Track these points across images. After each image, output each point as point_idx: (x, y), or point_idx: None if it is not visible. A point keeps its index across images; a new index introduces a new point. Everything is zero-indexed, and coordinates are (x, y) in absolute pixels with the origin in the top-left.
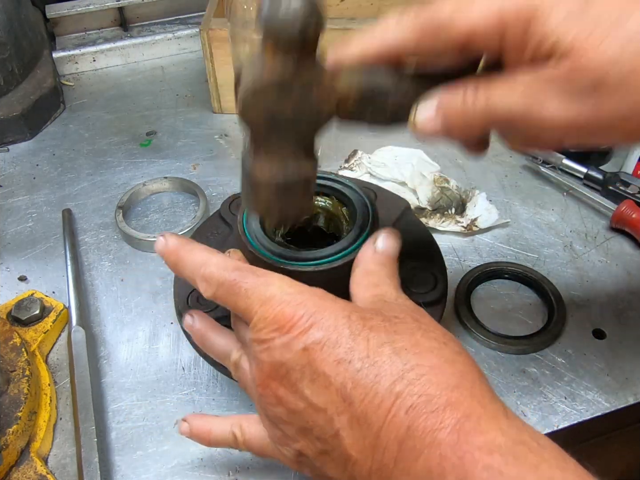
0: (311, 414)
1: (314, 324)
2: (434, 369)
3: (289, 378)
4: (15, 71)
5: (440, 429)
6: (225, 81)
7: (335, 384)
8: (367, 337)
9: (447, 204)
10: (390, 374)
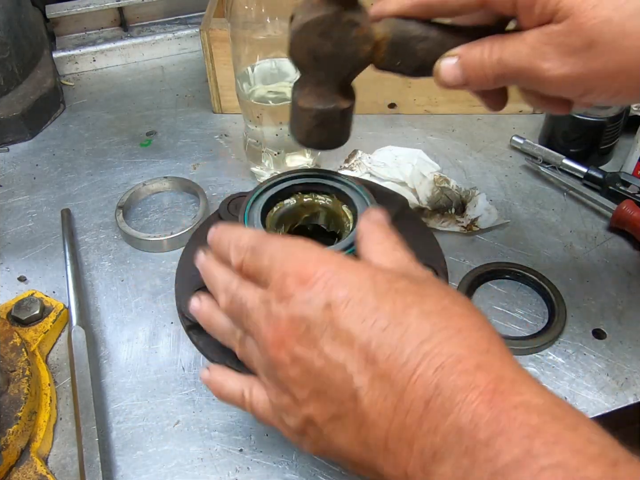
0: (329, 373)
1: (338, 282)
2: (462, 331)
3: (309, 334)
4: (15, 71)
5: (473, 388)
6: (225, 81)
7: (359, 341)
8: (393, 298)
9: (447, 204)
10: (417, 334)
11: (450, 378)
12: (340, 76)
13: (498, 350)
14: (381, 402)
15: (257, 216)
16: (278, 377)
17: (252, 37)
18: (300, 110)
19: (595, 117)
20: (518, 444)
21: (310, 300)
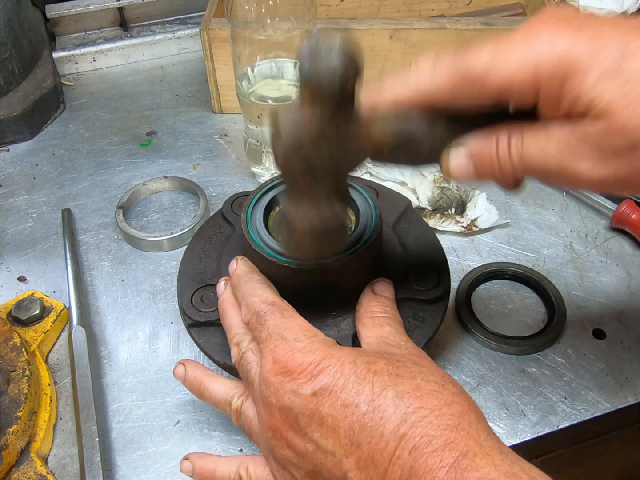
0: (320, 457)
1: (322, 371)
2: (434, 411)
3: (298, 422)
4: (15, 71)
5: (440, 467)
6: (225, 81)
7: (344, 427)
8: (371, 381)
9: (447, 204)
10: (394, 417)
11: (422, 459)
12: (336, 183)
13: (467, 425)
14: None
15: (259, 215)
16: (276, 456)
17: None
18: (295, 231)
19: None
20: None
21: (296, 390)
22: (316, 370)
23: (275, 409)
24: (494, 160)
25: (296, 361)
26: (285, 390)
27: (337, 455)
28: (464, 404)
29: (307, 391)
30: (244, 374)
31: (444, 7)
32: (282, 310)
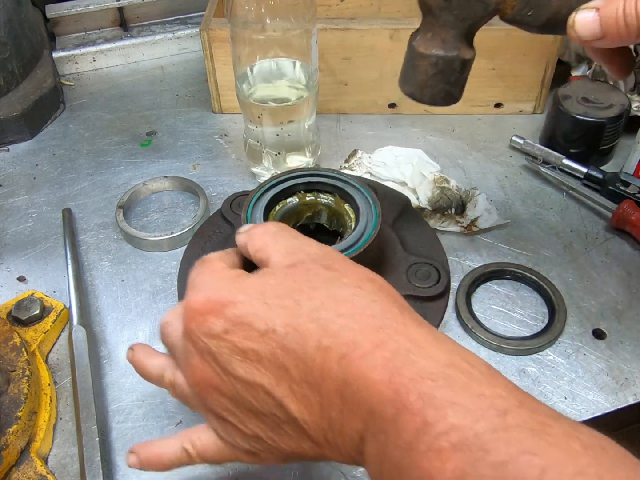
0: (251, 393)
1: (230, 305)
2: (354, 316)
3: (220, 364)
4: (15, 71)
5: (374, 369)
6: (225, 81)
7: (266, 356)
8: (283, 304)
9: (447, 204)
10: (314, 332)
11: (352, 366)
12: (467, 22)
13: (391, 322)
14: (306, 404)
15: (259, 214)
16: (212, 409)
17: (251, 37)
18: (418, 57)
19: (596, 117)
20: (416, 415)
21: (209, 332)
22: (224, 306)
23: (196, 358)
24: (619, 14)
25: (204, 302)
26: (199, 335)
27: (267, 385)
28: (384, 300)
29: (219, 329)
30: (168, 345)
31: None
32: (201, 262)
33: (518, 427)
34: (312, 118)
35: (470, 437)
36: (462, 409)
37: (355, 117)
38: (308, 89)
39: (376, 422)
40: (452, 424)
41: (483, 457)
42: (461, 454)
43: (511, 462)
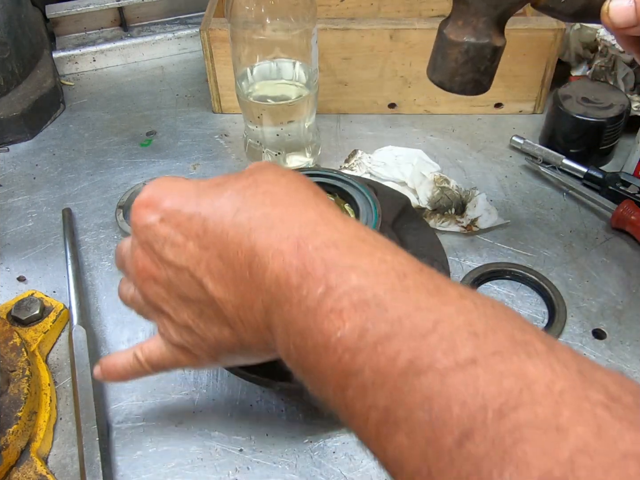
0: (180, 278)
1: (164, 198)
2: (267, 193)
3: (155, 251)
4: (15, 71)
5: (281, 240)
6: (225, 81)
7: (191, 237)
8: (212, 191)
9: (447, 204)
10: (230, 209)
11: (261, 238)
12: (500, 9)
13: (303, 198)
14: (222, 282)
15: None
16: (151, 301)
17: (252, 37)
18: (448, 44)
19: (596, 117)
20: (320, 280)
21: (147, 223)
22: (161, 199)
23: (138, 250)
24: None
25: (145, 199)
26: (140, 227)
27: (191, 267)
28: (300, 184)
29: (155, 219)
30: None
31: (444, 7)
32: None
33: (415, 288)
34: (312, 118)
35: (370, 297)
36: (363, 272)
37: (355, 117)
38: (308, 88)
39: (282, 292)
40: (354, 286)
41: (381, 314)
42: (361, 312)
43: (406, 317)
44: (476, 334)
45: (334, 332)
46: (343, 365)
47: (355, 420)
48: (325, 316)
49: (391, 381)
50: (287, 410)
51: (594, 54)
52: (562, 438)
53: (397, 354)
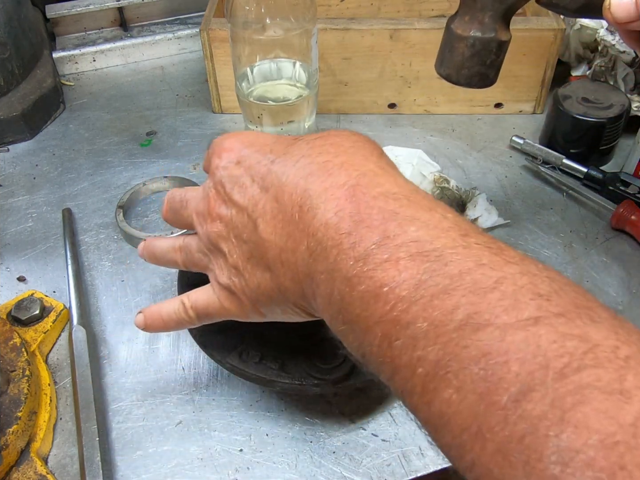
0: (240, 217)
1: (245, 146)
2: (334, 144)
3: (226, 190)
4: (15, 71)
5: (337, 186)
6: (225, 81)
7: (256, 179)
8: (286, 141)
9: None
10: (297, 154)
11: (317, 181)
12: (505, 4)
13: (365, 154)
14: (270, 222)
15: None
16: (211, 239)
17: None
18: (455, 39)
19: (596, 117)
20: (376, 229)
21: (226, 165)
22: (240, 146)
23: (211, 191)
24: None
25: (226, 144)
26: (218, 169)
27: (249, 208)
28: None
29: (232, 161)
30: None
31: (444, 7)
32: None
33: (477, 246)
34: (312, 118)
35: (430, 249)
36: (424, 225)
37: (355, 117)
38: (308, 88)
39: (329, 236)
40: (413, 237)
41: (440, 268)
42: (419, 264)
43: (467, 272)
44: (540, 295)
45: (387, 281)
46: (394, 316)
47: (399, 374)
48: (378, 264)
49: (445, 334)
50: (287, 410)
51: (594, 54)
52: (625, 402)
53: (455, 307)
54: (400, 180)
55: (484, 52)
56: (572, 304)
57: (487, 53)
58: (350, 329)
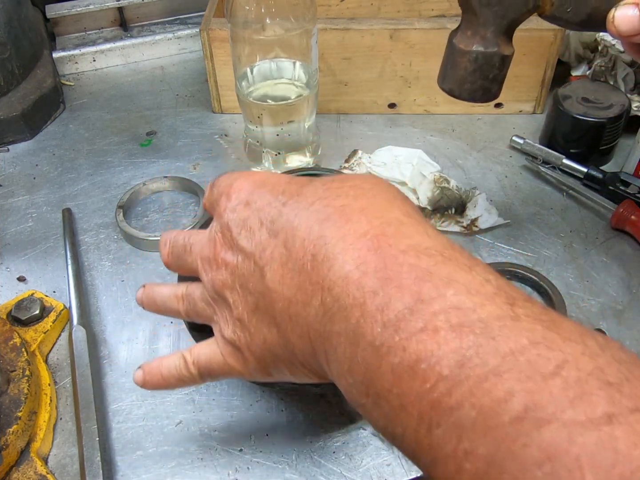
0: (246, 264)
1: (256, 186)
2: (353, 187)
3: (232, 234)
4: (15, 71)
5: (357, 235)
6: (225, 81)
7: (265, 223)
8: (300, 182)
9: (447, 204)
10: (311, 196)
11: (334, 227)
12: (507, 19)
13: (388, 198)
14: (278, 270)
15: None
16: (215, 288)
17: (252, 37)
18: (457, 54)
19: (596, 117)
20: (407, 289)
21: (233, 207)
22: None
23: (217, 235)
24: None
25: (234, 186)
26: (226, 211)
27: (257, 254)
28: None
29: (241, 202)
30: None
31: (444, 7)
32: None
33: (527, 318)
34: (312, 118)
35: (474, 320)
36: (465, 289)
37: (355, 117)
38: (308, 88)
39: (349, 293)
40: (453, 303)
41: (489, 344)
42: (463, 337)
43: (521, 352)
44: (609, 383)
45: (425, 355)
46: (434, 397)
47: (440, 466)
48: (413, 334)
49: (499, 428)
50: (287, 410)
51: (594, 54)
52: None
53: (509, 395)
54: (431, 231)
55: (487, 67)
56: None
57: (489, 67)
58: (376, 404)
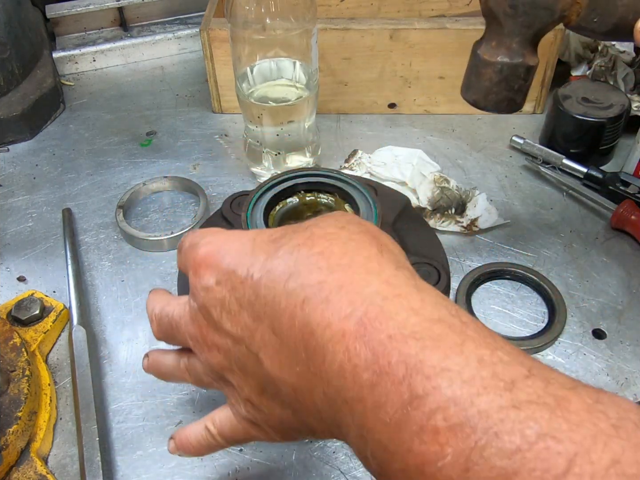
0: (238, 348)
1: (221, 256)
2: (323, 254)
3: (213, 318)
4: (15, 71)
5: (340, 318)
6: (225, 81)
7: (244, 305)
8: (266, 248)
9: (447, 204)
10: (283, 272)
11: (316, 312)
12: (533, 29)
13: (363, 260)
14: (275, 358)
15: (259, 214)
16: (215, 370)
17: (252, 37)
18: (482, 64)
19: (596, 117)
20: (400, 385)
21: (204, 285)
22: (217, 259)
23: (198, 315)
24: None
25: (201, 257)
26: (198, 290)
27: (246, 340)
28: (363, 239)
29: (212, 281)
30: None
31: (444, 7)
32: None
33: (531, 404)
34: (312, 118)
35: (473, 415)
36: (458, 377)
37: (355, 117)
38: (308, 88)
39: (349, 387)
40: (448, 397)
41: (491, 442)
42: (463, 437)
43: (528, 449)
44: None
45: (429, 458)
46: None
47: None
48: (415, 434)
49: None
50: None
51: (594, 54)
52: None
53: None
54: (413, 298)
55: (512, 78)
56: None
57: (515, 78)
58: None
